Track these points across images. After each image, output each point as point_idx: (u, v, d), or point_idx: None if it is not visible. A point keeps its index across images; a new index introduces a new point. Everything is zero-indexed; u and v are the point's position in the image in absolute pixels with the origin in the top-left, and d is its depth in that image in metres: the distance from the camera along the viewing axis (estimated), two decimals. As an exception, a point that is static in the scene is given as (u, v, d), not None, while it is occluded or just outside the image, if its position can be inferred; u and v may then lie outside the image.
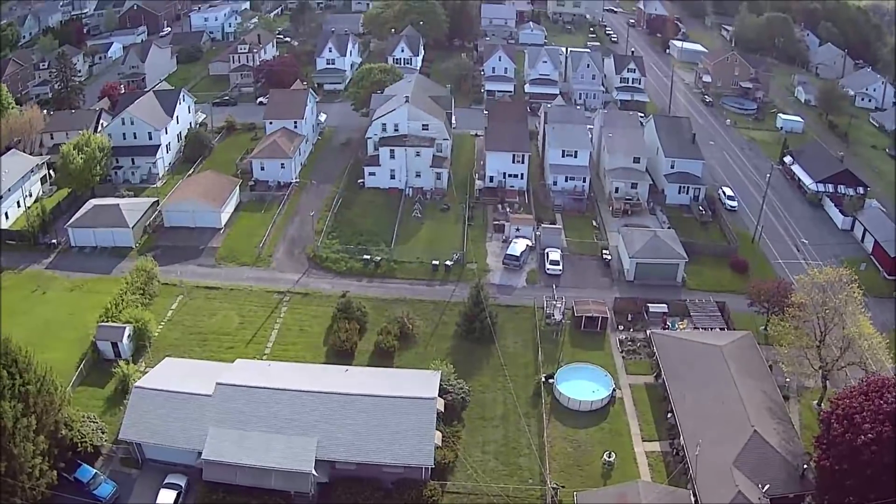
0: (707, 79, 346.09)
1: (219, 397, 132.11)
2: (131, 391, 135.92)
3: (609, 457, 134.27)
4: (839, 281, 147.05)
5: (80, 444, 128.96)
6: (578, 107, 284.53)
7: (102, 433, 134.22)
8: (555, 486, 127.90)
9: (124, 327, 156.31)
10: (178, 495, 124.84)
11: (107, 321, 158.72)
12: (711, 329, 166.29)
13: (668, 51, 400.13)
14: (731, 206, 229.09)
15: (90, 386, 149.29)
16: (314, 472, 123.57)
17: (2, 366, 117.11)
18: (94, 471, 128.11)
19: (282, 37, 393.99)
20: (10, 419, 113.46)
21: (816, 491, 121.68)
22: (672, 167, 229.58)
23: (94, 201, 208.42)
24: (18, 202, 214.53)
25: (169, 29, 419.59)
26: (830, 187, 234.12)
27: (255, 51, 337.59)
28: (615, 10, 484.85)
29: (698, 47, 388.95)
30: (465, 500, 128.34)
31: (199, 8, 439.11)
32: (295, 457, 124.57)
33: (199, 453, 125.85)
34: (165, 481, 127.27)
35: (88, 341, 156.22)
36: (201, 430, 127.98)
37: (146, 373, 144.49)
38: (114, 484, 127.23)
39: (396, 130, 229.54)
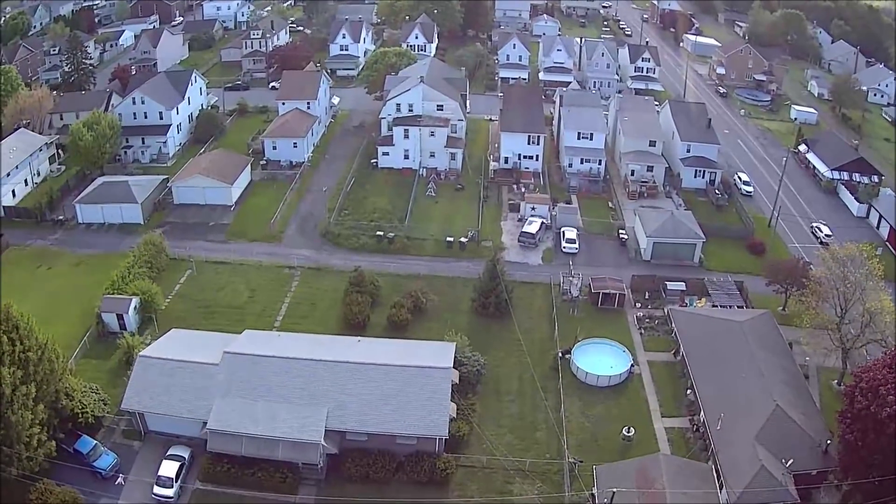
0: (721, 71, 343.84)
1: (226, 366, 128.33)
2: (135, 360, 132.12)
3: (628, 432, 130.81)
4: (860, 255, 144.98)
5: (80, 415, 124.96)
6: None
7: (105, 404, 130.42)
8: (573, 460, 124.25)
9: (130, 299, 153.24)
10: (181, 467, 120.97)
11: (113, 294, 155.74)
12: (730, 307, 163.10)
13: (681, 44, 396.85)
14: (746, 192, 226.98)
15: (94, 358, 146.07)
16: (323, 442, 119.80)
17: (2, 331, 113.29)
18: (95, 442, 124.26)
19: (295, 26, 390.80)
20: (8, 386, 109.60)
21: (839, 467, 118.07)
22: (688, 151, 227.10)
23: (102, 178, 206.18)
24: (26, 180, 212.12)
25: (181, 18, 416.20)
26: (845, 175, 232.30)
27: (267, 37, 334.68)
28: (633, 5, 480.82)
29: (712, 41, 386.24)
30: (481, 475, 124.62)
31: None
32: (304, 426, 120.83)
33: (204, 424, 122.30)
34: (168, 452, 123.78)
35: (94, 315, 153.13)
36: (207, 401, 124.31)
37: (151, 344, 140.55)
38: (114, 455, 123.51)
39: (411, 110, 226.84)
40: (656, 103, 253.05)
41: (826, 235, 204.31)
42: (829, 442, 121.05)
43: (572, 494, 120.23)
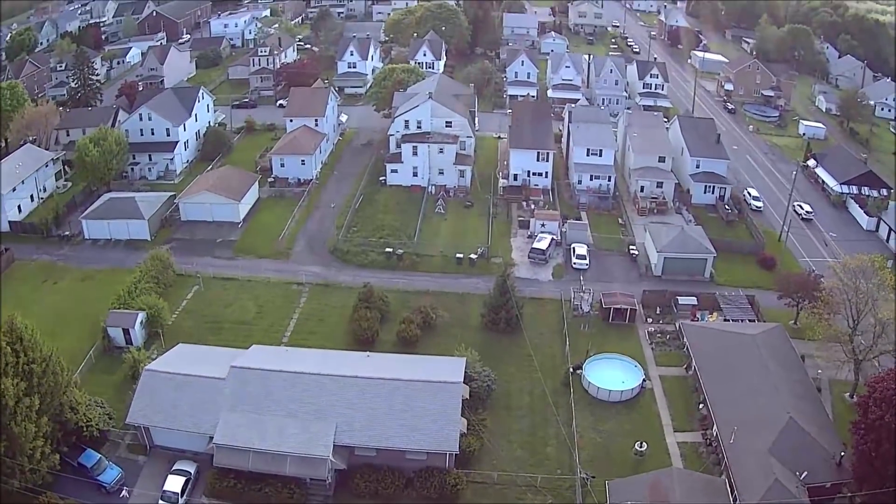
0: (729, 87, 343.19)
1: (232, 381, 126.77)
2: (141, 374, 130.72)
3: (640, 446, 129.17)
4: (871, 266, 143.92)
5: (85, 429, 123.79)
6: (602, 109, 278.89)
7: (110, 418, 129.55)
8: (585, 475, 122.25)
9: (137, 314, 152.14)
10: (187, 482, 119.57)
11: (119, 309, 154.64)
12: (742, 321, 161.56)
13: (689, 61, 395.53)
14: (756, 207, 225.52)
15: (99, 373, 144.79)
16: (332, 457, 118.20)
17: (6, 342, 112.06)
18: (99, 455, 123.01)
19: (302, 43, 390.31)
20: (11, 397, 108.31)
21: (854, 478, 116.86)
22: (697, 167, 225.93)
23: (109, 194, 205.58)
24: (32, 196, 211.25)
25: (188, 36, 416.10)
26: (854, 189, 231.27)
27: (275, 54, 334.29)
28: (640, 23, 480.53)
29: (719, 58, 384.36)
30: (491, 491, 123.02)
31: (219, 14, 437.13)
32: (311, 441, 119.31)
33: (210, 439, 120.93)
34: (174, 467, 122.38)
35: (100, 330, 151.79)
36: (213, 415, 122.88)
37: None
38: (119, 469, 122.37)
39: (419, 127, 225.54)
40: (665, 119, 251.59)
41: (807, 212, 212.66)
42: (842, 454, 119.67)
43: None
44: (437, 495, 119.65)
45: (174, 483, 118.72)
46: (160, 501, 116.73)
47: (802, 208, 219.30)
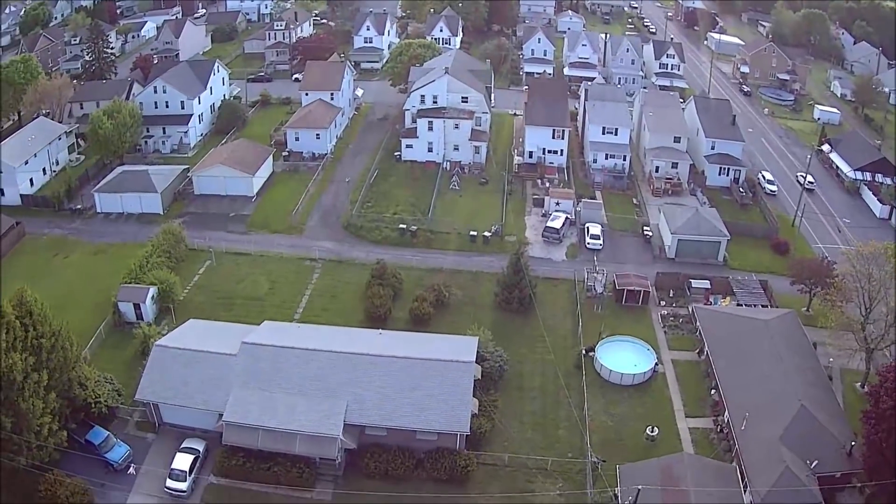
0: (745, 69, 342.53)
1: (243, 357, 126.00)
2: (151, 349, 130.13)
3: (652, 431, 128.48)
4: (885, 254, 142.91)
5: (93, 405, 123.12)
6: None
7: (119, 395, 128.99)
8: (596, 459, 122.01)
9: (148, 288, 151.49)
10: (196, 459, 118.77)
11: (130, 283, 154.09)
12: (755, 306, 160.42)
13: (705, 42, 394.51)
14: (770, 191, 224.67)
15: (109, 348, 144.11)
16: (342, 436, 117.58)
17: (15, 316, 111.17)
18: (107, 433, 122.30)
19: (319, 18, 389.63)
20: (19, 372, 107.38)
21: (864, 468, 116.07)
22: (713, 148, 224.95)
23: (121, 167, 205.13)
24: (44, 169, 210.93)
25: (204, 10, 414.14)
26: (868, 175, 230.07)
27: (291, 28, 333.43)
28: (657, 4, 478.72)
29: (736, 40, 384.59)
30: (502, 473, 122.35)
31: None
32: (322, 420, 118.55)
33: (220, 416, 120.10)
34: (182, 445, 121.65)
35: (110, 305, 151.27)
36: (223, 392, 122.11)
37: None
38: (127, 447, 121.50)
39: (435, 102, 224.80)
40: (680, 100, 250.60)
41: (809, 182, 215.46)
42: (853, 443, 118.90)
43: (595, 494, 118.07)
44: (448, 476, 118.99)
45: (182, 461, 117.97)
46: (168, 479, 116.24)
47: (805, 178, 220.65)
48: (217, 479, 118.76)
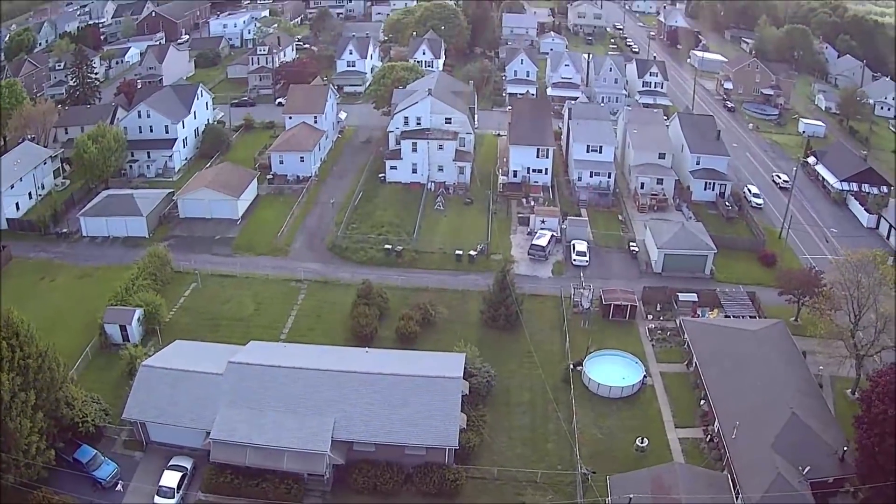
0: (728, 85, 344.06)
1: (230, 376, 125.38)
2: (138, 370, 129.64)
3: (642, 442, 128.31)
4: (873, 261, 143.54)
5: (81, 425, 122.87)
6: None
7: (106, 414, 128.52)
8: (586, 470, 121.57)
9: (134, 310, 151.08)
10: (183, 477, 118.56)
11: (117, 305, 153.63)
12: (743, 318, 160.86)
13: (688, 60, 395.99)
14: (756, 204, 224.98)
15: (96, 370, 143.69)
16: (330, 452, 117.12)
17: (2, 337, 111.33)
18: (95, 451, 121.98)
19: (301, 43, 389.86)
20: (7, 392, 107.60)
21: (857, 473, 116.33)
22: (698, 163, 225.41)
23: (107, 191, 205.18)
24: (30, 193, 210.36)
25: (187, 36, 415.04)
26: (854, 186, 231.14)
27: (274, 52, 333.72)
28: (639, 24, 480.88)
29: (719, 57, 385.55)
30: (491, 486, 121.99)
31: (218, 15, 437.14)
32: (310, 437, 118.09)
33: (207, 434, 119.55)
34: (170, 463, 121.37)
35: (97, 327, 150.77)
36: (210, 411, 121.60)
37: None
38: (115, 465, 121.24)
39: (419, 124, 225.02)
40: (664, 117, 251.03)
41: (784, 181, 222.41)
42: (845, 449, 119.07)
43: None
44: (437, 491, 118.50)
45: (170, 478, 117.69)
46: (156, 497, 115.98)
47: (780, 178, 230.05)
48: (205, 495, 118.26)
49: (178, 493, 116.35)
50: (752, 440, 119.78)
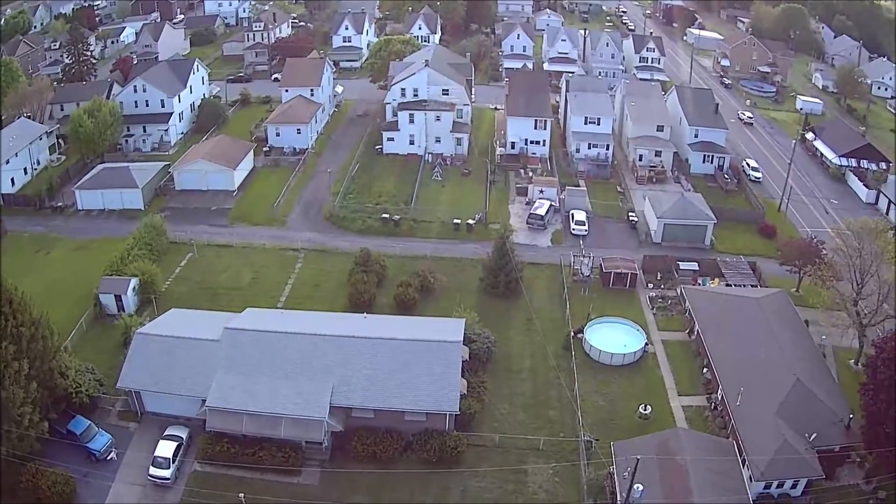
0: (725, 63, 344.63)
1: (226, 342, 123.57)
2: (133, 337, 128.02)
3: (644, 409, 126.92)
4: (875, 229, 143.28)
5: (75, 395, 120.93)
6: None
7: (101, 385, 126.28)
8: (589, 437, 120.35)
9: (129, 279, 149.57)
10: (179, 447, 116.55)
11: (112, 275, 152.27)
12: (744, 287, 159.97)
13: (684, 38, 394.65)
14: (755, 178, 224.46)
15: (91, 340, 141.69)
16: (328, 419, 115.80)
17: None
18: (89, 422, 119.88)
19: (297, 21, 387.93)
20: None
21: (863, 441, 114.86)
22: (696, 136, 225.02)
23: (102, 165, 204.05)
24: (25, 169, 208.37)
25: (182, 16, 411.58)
26: (853, 161, 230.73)
27: (270, 28, 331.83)
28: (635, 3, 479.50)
29: (715, 35, 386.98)
30: (493, 453, 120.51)
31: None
32: (307, 403, 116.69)
33: (203, 403, 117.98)
34: (165, 433, 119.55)
35: (92, 299, 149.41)
36: (206, 378, 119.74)
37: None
38: (109, 436, 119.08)
39: (416, 95, 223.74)
40: (662, 92, 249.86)
41: (749, 117, 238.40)
42: (851, 416, 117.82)
43: (590, 471, 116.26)
44: (437, 458, 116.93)
45: (165, 448, 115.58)
46: (151, 467, 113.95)
47: (745, 115, 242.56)
48: (201, 465, 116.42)
49: (173, 463, 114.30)
50: (757, 407, 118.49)
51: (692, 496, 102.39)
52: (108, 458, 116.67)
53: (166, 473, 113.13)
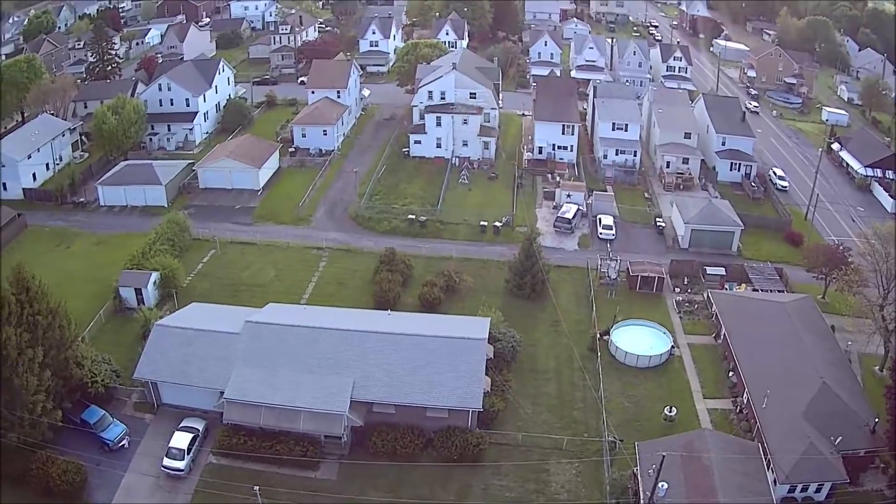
0: (752, 73, 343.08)
1: (246, 335, 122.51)
2: (152, 328, 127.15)
3: (670, 411, 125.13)
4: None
5: (90, 385, 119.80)
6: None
7: (117, 376, 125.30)
8: (614, 438, 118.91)
9: (150, 273, 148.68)
10: (195, 438, 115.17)
11: (133, 269, 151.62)
12: (771, 292, 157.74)
13: (711, 49, 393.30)
14: (782, 186, 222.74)
15: (109, 333, 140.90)
16: (348, 413, 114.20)
17: (11, 291, 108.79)
18: (103, 412, 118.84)
19: (323, 26, 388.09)
20: (14, 348, 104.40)
21: (889, 445, 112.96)
22: (723, 144, 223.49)
23: (126, 161, 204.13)
24: (48, 164, 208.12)
25: (208, 19, 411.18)
26: (879, 172, 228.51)
27: (296, 31, 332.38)
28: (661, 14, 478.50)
29: (741, 46, 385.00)
30: (515, 452, 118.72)
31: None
32: (327, 397, 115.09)
33: (221, 395, 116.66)
34: (181, 424, 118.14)
35: (111, 292, 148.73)
36: (225, 371, 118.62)
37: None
38: (123, 426, 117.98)
39: (443, 98, 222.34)
40: (689, 100, 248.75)
41: (755, 107, 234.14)
42: (876, 421, 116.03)
43: (613, 472, 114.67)
44: (459, 456, 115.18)
45: (181, 439, 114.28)
46: (165, 458, 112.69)
47: (751, 105, 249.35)
48: (217, 458, 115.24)
49: (188, 454, 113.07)
50: (783, 409, 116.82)
51: (717, 496, 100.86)
52: (121, 445, 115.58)
53: (180, 465, 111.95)
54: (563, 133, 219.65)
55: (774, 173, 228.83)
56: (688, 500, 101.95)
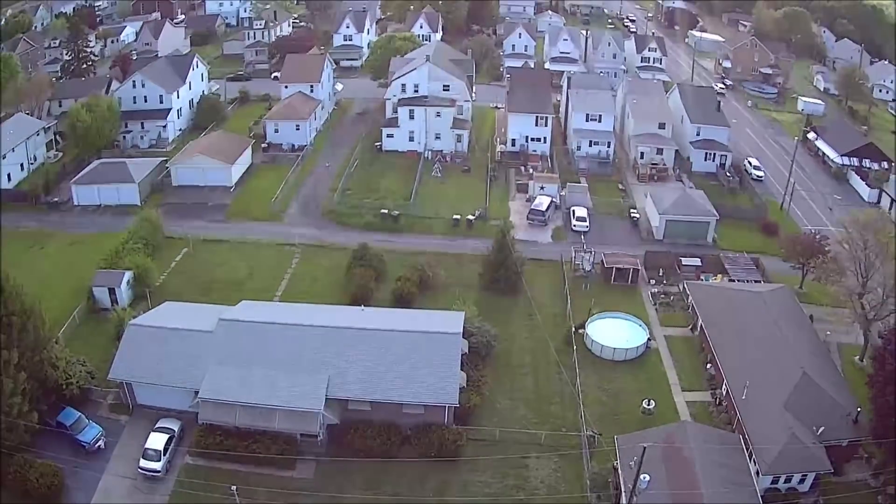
0: (727, 64, 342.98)
1: (220, 333, 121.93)
2: (125, 328, 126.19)
3: (648, 404, 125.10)
4: (881, 219, 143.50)
5: (65, 386, 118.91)
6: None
7: (92, 377, 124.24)
8: (592, 432, 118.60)
9: (123, 273, 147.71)
10: (170, 439, 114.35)
11: (106, 269, 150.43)
12: (748, 282, 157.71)
13: (686, 40, 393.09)
14: (757, 176, 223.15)
15: (84, 334, 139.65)
16: (324, 411, 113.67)
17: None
18: (79, 414, 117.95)
19: (298, 21, 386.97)
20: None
21: (871, 434, 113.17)
22: (698, 134, 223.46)
23: (99, 160, 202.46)
24: (22, 165, 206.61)
25: (183, 16, 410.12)
26: (855, 161, 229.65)
27: (270, 27, 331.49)
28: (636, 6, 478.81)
29: (716, 37, 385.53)
30: (493, 448, 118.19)
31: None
32: (303, 395, 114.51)
33: (196, 395, 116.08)
34: (157, 425, 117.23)
35: (86, 292, 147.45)
36: (199, 370, 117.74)
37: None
38: (100, 428, 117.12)
39: (416, 91, 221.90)
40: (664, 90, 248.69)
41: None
42: (858, 410, 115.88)
43: (593, 465, 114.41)
44: (436, 452, 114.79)
45: (156, 441, 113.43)
46: (142, 460, 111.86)
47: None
48: (193, 458, 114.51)
49: (164, 455, 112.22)
50: (763, 401, 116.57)
51: (699, 487, 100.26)
52: (97, 446, 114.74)
53: (157, 466, 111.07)
54: (536, 125, 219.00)
55: (750, 163, 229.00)
56: (670, 492, 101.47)
